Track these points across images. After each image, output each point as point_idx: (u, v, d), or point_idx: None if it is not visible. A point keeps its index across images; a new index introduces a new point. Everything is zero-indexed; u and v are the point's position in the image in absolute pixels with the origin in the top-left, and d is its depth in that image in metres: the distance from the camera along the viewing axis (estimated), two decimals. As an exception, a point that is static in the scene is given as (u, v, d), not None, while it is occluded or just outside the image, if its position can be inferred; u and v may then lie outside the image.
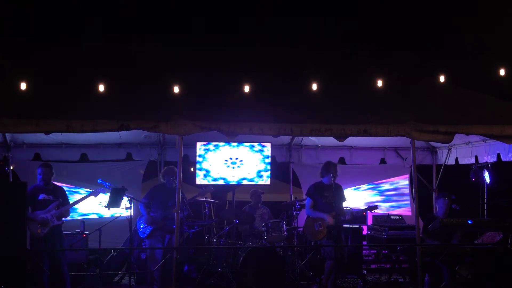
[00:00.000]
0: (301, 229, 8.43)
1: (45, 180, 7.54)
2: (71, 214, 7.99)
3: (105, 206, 7.47)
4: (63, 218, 7.52)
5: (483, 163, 9.18)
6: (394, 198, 10.60)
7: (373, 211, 8.36)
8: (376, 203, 8.51)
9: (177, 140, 7.28)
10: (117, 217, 8.35)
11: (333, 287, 7.50)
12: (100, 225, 8.46)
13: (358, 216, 9.13)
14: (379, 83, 7.69)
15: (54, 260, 7.31)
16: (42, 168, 7.62)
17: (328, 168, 7.69)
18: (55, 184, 7.74)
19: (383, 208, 10.27)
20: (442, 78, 7.90)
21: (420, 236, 7.59)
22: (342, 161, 10.34)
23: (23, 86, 7.00)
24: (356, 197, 10.37)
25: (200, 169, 9.14)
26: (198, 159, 9.15)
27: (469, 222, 7.18)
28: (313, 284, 8.28)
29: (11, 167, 9.06)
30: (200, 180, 9.13)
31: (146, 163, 10.00)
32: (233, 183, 9.27)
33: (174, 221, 7.20)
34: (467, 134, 7.82)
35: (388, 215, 9.64)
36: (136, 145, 9.80)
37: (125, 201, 7.40)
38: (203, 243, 8.79)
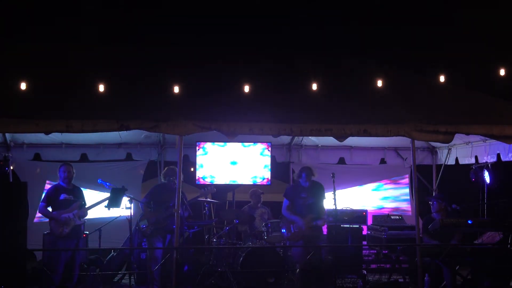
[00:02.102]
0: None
1: (69, 179, 7.59)
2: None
3: (105, 206, 7.47)
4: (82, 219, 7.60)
5: (483, 163, 9.18)
6: (394, 198, 10.60)
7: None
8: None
9: (177, 140, 7.28)
10: (117, 217, 8.34)
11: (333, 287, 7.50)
12: (100, 225, 8.46)
13: (358, 216, 9.14)
14: (379, 83, 7.69)
15: (69, 260, 7.38)
16: (66, 166, 7.66)
17: (301, 171, 7.79)
18: (74, 185, 7.78)
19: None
20: (442, 78, 7.89)
21: (420, 236, 7.59)
22: (342, 161, 10.35)
23: (23, 86, 7.00)
24: (355, 197, 10.37)
25: (200, 170, 9.14)
26: (198, 159, 9.15)
27: (469, 222, 7.17)
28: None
29: (11, 167, 9.07)
30: (200, 180, 9.13)
31: (146, 163, 10.01)
32: (233, 183, 9.27)
33: (174, 221, 7.21)
34: (467, 134, 7.82)
35: (388, 215, 9.64)
36: (136, 145, 9.81)
37: (125, 201, 7.41)
38: (203, 243, 8.78)
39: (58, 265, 7.32)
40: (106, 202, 7.67)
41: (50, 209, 7.55)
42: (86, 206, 7.69)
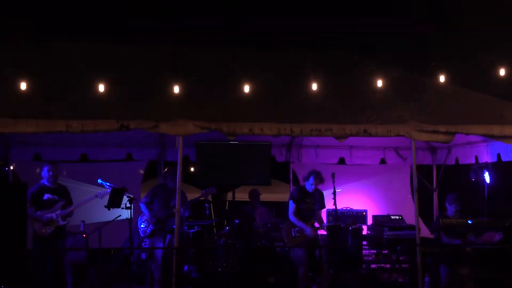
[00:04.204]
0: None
1: (54, 178, 7.53)
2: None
3: (105, 206, 7.47)
4: (67, 219, 7.55)
5: (483, 163, 9.17)
6: (394, 198, 10.58)
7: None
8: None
9: (177, 140, 7.28)
10: (117, 217, 8.34)
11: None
12: (100, 225, 8.45)
13: (358, 216, 9.15)
14: (379, 83, 7.69)
15: (56, 261, 7.32)
16: (50, 165, 7.60)
17: (312, 176, 7.79)
18: (60, 184, 7.74)
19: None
20: (442, 78, 7.89)
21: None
22: (342, 161, 10.34)
23: (23, 86, 7.00)
24: (356, 197, 10.36)
25: (200, 169, 9.11)
26: (198, 159, 9.12)
27: (469, 222, 7.17)
28: (313, 284, 8.27)
29: (11, 167, 9.07)
30: (200, 180, 9.10)
31: (146, 163, 10.00)
32: (233, 183, 9.24)
33: (175, 221, 7.21)
34: (467, 134, 7.82)
35: (388, 215, 9.63)
36: (136, 145, 9.80)
37: (125, 201, 7.41)
38: (203, 243, 8.78)
39: (46, 266, 7.26)
40: (94, 200, 7.68)
41: (34, 209, 7.48)
42: (73, 205, 7.63)
